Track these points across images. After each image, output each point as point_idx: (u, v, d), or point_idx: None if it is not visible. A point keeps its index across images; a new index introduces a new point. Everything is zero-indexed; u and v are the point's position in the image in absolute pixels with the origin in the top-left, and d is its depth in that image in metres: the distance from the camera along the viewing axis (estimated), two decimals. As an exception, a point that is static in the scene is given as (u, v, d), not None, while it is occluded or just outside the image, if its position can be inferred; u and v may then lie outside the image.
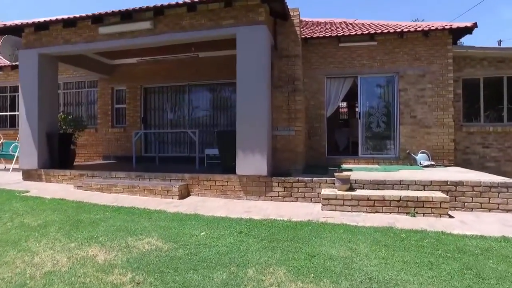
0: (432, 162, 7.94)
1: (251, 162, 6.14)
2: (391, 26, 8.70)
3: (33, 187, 7.00)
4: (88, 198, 6.17)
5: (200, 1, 6.32)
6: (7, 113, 12.15)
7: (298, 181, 5.96)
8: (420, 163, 7.99)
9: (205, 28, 6.60)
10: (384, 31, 8.32)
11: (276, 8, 6.62)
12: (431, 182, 5.48)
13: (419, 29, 8.15)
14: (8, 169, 9.36)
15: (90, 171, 7.41)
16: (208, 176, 6.51)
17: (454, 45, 8.34)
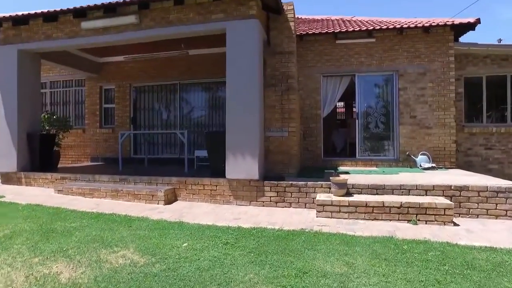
0: (433, 164, 7.58)
1: (242, 165, 5.75)
2: (390, 23, 8.34)
3: (10, 192, 6.58)
4: (68, 204, 5.77)
5: (188, -6, 5.94)
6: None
7: (292, 186, 5.58)
8: (421, 165, 7.64)
9: (194, 23, 6.21)
10: (383, 27, 7.96)
11: (269, 2, 6.24)
12: (434, 187, 5.11)
13: (420, 25, 7.79)
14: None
15: (73, 174, 7.00)
16: (196, 180, 6.12)
17: (456, 42, 7.99)
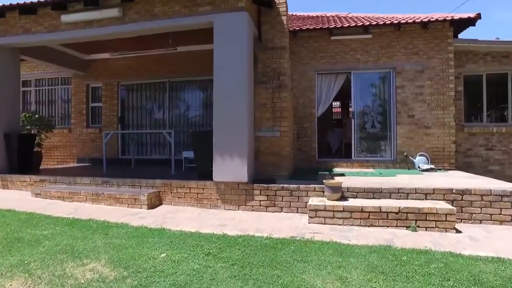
0: (432, 166, 7.26)
1: (230, 167, 5.40)
2: (387, 18, 8.02)
3: (-17, 195, 6.20)
4: (43, 209, 5.39)
5: (173, -15, 5.59)
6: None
7: (283, 189, 5.24)
8: (419, 167, 7.32)
9: (180, 16, 5.86)
10: (380, 23, 7.64)
11: (260, -6, 5.91)
12: (434, 190, 4.78)
13: (418, 21, 7.48)
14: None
15: (54, 177, 6.61)
16: (182, 183, 5.76)
17: (455, 39, 7.69)
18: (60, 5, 6.26)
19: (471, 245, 3.77)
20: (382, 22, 7.65)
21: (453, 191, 4.73)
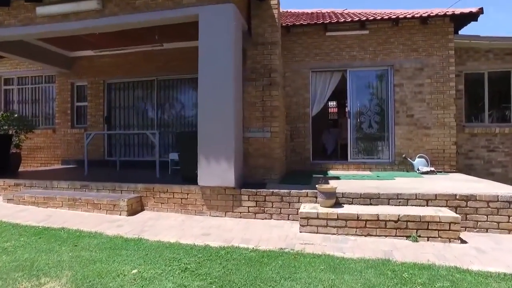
0: (432, 168, 6.90)
1: (216, 171, 5.00)
2: (385, 14, 7.65)
3: (-50, 201, 5.76)
4: (12, 216, 4.97)
5: (155, -26, 5.18)
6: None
7: (273, 194, 4.84)
8: (418, 169, 6.96)
9: (163, 8, 5.45)
10: (377, 18, 7.27)
11: (249, -15, 5.52)
12: (436, 196, 4.40)
13: (417, 16, 7.11)
14: None
15: (30, 180, 6.18)
16: (165, 187, 5.35)
17: (456, 35, 7.32)
18: (35, -4, 5.84)
19: (479, 259, 3.39)
20: (380, 17, 7.28)
21: (457, 197, 4.35)
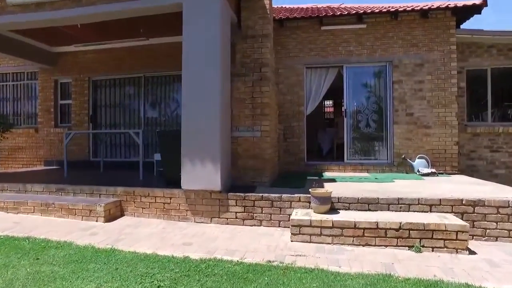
0: (433, 170, 6.53)
1: (201, 173, 4.58)
2: (383, 7, 7.27)
3: None
4: (-24, 223, 4.53)
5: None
6: None
7: (262, 199, 4.44)
8: (418, 171, 6.59)
9: (145, -3, 5.04)
10: (375, 11, 6.89)
11: (238, -27, 5.11)
12: (440, 201, 4.02)
13: (417, 9, 6.74)
14: None
15: (1, 184, 5.73)
16: (147, 191, 4.93)
17: (458, 29, 6.96)
18: (6, -16, 5.40)
19: (492, 274, 3.00)
20: (378, 11, 6.90)
21: (463, 202, 3.97)
